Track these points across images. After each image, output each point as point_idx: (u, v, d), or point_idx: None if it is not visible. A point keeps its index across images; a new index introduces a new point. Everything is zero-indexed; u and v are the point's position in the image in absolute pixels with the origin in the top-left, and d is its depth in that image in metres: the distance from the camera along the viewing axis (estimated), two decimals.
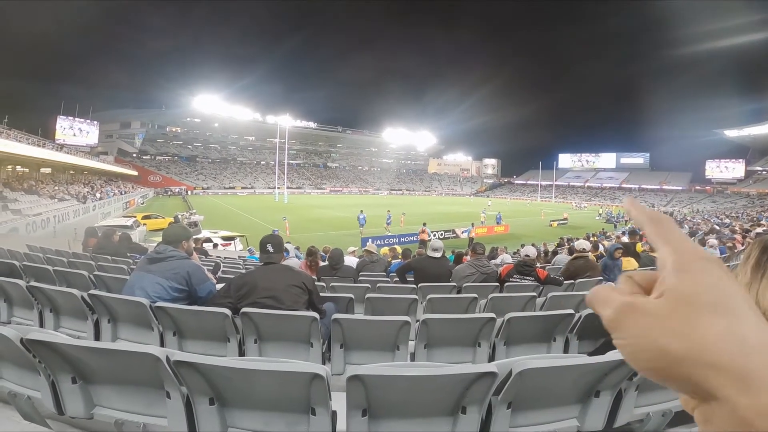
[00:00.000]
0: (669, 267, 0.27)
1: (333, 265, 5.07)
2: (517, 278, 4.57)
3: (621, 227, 26.15)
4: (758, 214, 26.21)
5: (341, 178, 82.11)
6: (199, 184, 60.27)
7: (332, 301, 3.22)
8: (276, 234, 2.88)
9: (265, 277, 2.59)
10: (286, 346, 2.50)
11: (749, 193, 59.32)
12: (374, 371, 1.28)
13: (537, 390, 1.49)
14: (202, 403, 1.41)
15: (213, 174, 67.06)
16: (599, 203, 60.94)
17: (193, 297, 2.69)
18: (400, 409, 1.42)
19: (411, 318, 2.86)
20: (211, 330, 2.48)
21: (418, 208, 39.47)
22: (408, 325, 2.38)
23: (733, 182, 66.43)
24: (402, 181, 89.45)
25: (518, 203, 58.40)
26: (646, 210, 0.32)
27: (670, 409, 1.71)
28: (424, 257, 4.92)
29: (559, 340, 2.71)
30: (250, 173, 72.56)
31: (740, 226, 16.15)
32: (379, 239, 18.88)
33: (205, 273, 2.80)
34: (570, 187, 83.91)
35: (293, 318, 2.41)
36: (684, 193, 68.91)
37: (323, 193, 68.34)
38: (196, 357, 1.36)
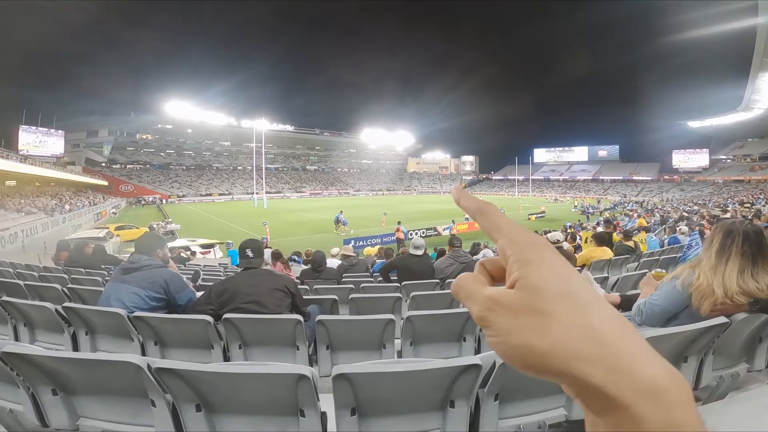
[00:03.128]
0: (510, 257, 0.27)
1: (315, 267, 5.04)
2: None
3: (595, 218, 26.92)
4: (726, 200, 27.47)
5: (321, 181, 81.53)
6: (174, 192, 58.63)
7: (316, 303, 3.21)
8: (255, 239, 2.83)
9: (247, 282, 2.56)
10: (272, 350, 2.48)
11: (714, 180, 62.03)
12: (360, 369, 1.28)
13: (522, 380, 1.51)
14: (189, 410, 1.39)
15: (188, 181, 65.39)
16: (573, 196, 62.60)
17: (172, 305, 2.65)
18: (389, 406, 1.43)
19: (396, 316, 2.87)
20: (193, 338, 2.44)
21: (398, 207, 39.62)
22: (393, 324, 2.39)
23: (699, 171, 69.36)
24: (382, 181, 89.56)
25: (496, 198, 59.34)
26: (474, 200, 0.32)
27: None
28: (407, 255, 4.94)
29: None
30: (227, 179, 71.12)
31: (707, 213, 16.89)
32: (362, 240, 18.88)
33: (183, 281, 2.76)
34: (546, 180, 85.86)
35: (277, 322, 2.39)
36: (653, 182, 71.53)
37: (303, 196, 67.70)
38: (178, 363, 1.34)
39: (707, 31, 55.73)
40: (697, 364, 1.83)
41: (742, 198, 27.68)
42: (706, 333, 1.69)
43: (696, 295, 1.69)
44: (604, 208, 36.73)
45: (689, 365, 1.81)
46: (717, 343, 1.82)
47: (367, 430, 1.40)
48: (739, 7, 34.59)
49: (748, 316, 1.73)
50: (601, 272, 5.23)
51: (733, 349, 1.98)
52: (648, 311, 1.87)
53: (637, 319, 1.95)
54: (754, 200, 23.50)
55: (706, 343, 1.77)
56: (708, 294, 1.65)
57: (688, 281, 1.74)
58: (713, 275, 1.66)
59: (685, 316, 1.79)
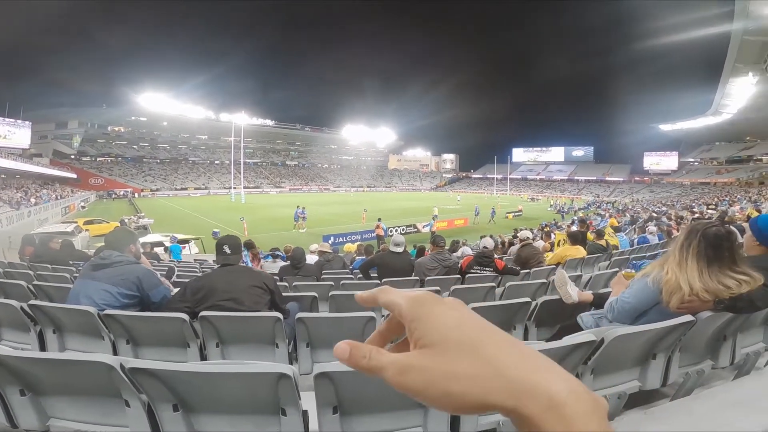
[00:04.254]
0: (405, 321, 0.30)
1: (295, 264, 4.99)
2: (477, 269, 4.72)
3: (570, 217, 27.66)
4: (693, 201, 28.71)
5: (301, 177, 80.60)
6: (147, 185, 56.75)
7: (295, 301, 3.18)
8: (233, 235, 2.78)
9: (224, 279, 2.51)
10: (251, 348, 2.44)
11: (683, 183, 64.66)
12: (341, 368, 1.27)
13: None
14: (166, 410, 1.36)
15: (162, 175, 63.41)
16: (549, 195, 64.14)
17: (145, 303, 2.57)
18: (371, 404, 1.43)
19: (377, 313, 2.87)
20: (168, 336, 2.37)
21: (379, 204, 39.65)
22: (374, 321, 2.39)
23: (668, 173, 72.12)
24: (362, 178, 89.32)
25: (475, 196, 60.17)
26: (367, 292, 0.35)
27: (625, 392, 1.79)
28: (387, 253, 4.97)
29: (519, 327, 2.79)
30: (203, 173, 69.38)
31: (675, 214, 17.60)
32: (341, 236, 18.83)
33: (157, 277, 2.68)
34: (524, 180, 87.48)
35: (255, 319, 2.36)
36: (625, 183, 73.90)
37: (282, 191, 66.80)
38: (153, 363, 1.30)
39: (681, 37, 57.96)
40: (665, 361, 1.88)
41: (708, 200, 28.98)
42: (673, 331, 1.75)
43: (666, 290, 1.75)
44: (578, 208, 37.78)
45: (658, 362, 1.86)
46: (683, 341, 1.88)
47: (349, 428, 1.40)
48: (713, 14, 36.14)
49: (713, 315, 1.80)
50: (574, 270, 5.39)
51: (699, 346, 2.05)
52: (619, 308, 1.93)
53: (609, 316, 2.00)
54: (719, 202, 24.64)
55: (673, 341, 1.83)
56: (676, 289, 1.71)
57: (658, 278, 1.80)
58: (680, 272, 1.74)
59: (654, 314, 1.84)
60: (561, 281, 2.50)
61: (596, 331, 1.70)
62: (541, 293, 3.73)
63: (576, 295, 2.42)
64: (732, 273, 1.71)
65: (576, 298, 2.41)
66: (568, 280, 2.50)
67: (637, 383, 1.87)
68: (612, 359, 1.75)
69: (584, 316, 2.21)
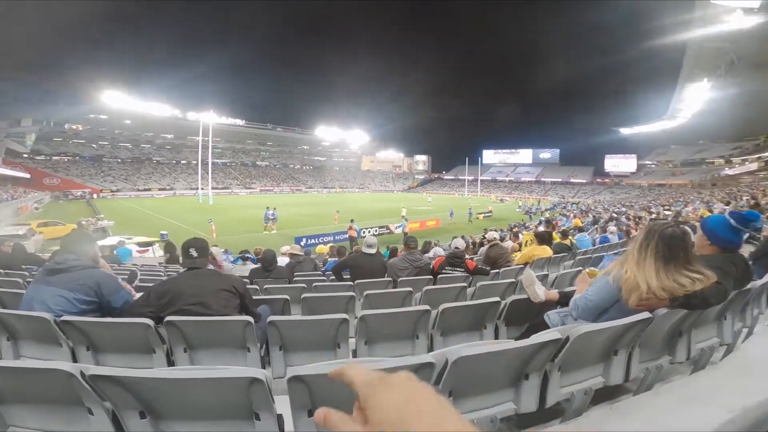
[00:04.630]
0: (360, 398, 0.36)
1: (266, 266, 4.90)
2: (448, 270, 4.79)
3: (537, 218, 28.55)
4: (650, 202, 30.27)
5: (272, 177, 79.13)
6: (107, 186, 53.96)
7: (266, 304, 3.13)
8: (200, 237, 2.70)
9: (190, 283, 2.43)
10: (221, 353, 2.38)
11: (641, 184, 68.12)
12: (315, 371, 1.26)
13: (473, 376, 1.55)
14: (132, 417, 1.31)
15: (124, 175, 60.53)
16: (517, 196, 66.02)
17: (106, 309, 2.46)
18: (347, 406, 1.42)
19: (350, 315, 2.87)
20: (131, 342, 2.28)
21: (352, 205, 39.53)
22: (346, 323, 2.38)
23: (628, 175, 75.80)
24: (335, 179, 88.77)
25: (448, 197, 61.05)
26: (334, 371, 0.41)
27: (591, 388, 1.83)
28: (359, 254, 4.96)
29: (490, 327, 2.83)
30: (168, 173, 66.79)
31: (634, 214, 18.50)
32: (313, 237, 18.65)
33: (117, 282, 2.58)
34: (494, 181, 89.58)
35: (225, 323, 2.30)
36: (588, 185, 77.06)
37: (252, 192, 65.37)
38: (115, 370, 1.25)
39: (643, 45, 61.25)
40: (626, 357, 1.95)
41: (664, 201, 30.66)
42: (633, 327, 1.82)
43: (625, 289, 1.83)
44: (544, 209, 39.06)
45: (620, 358, 1.92)
46: (643, 337, 1.94)
47: (326, 430, 1.39)
48: (674, 22, 38.51)
49: (668, 312, 1.87)
50: (541, 270, 5.57)
51: (657, 342, 2.13)
52: (583, 306, 2.00)
53: (574, 313, 2.07)
54: (674, 203, 26.12)
55: (633, 337, 1.89)
56: (635, 287, 1.79)
57: (618, 276, 1.88)
58: (638, 270, 1.83)
59: (615, 311, 1.91)
60: (528, 281, 2.57)
61: (562, 329, 1.75)
62: (510, 293, 3.82)
63: (543, 294, 2.49)
64: (686, 272, 1.81)
65: (543, 296, 2.49)
66: (535, 279, 2.57)
67: (602, 379, 1.92)
68: (577, 356, 1.80)
69: (551, 315, 2.26)
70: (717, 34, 31.66)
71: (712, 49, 35.09)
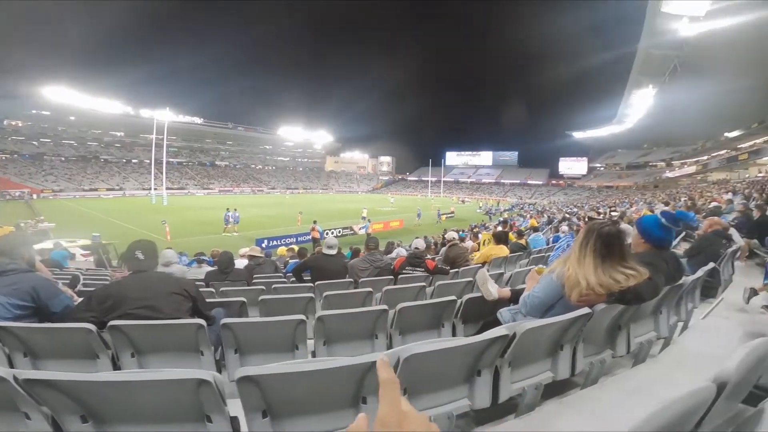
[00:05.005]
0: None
1: (222, 269, 4.76)
2: (409, 270, 4.86)
3: (497, 218, 29.50)
4: (599, 203, 32.14)
5: (232, 178, 76.56)
6: (49, 186, 50.05)
7: (222, 307, 3.04)
8: (147, 239, 2.59)
9: (136, 287, 2.32)
10: (173, 357, 2.29)
11: (591, 186, 72.08)
12: (266, 371, 1.25)
13: (427, 374, 1.57)
14: (73, 422, 1.26)
15: (67, 174, 56.38)
16: (478, 197, 67.93)
17: (45, 314, 2.35)
18: (303, 406, 1.41)
19: (310, 317, 2.84)
20: (73, 348, 2.15)
21: (315, 206, 39.07)
22: (304, 324, 2.36)
23: (579, 177, 79.99)
24: (299, 180, 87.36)
25: (410, 198, 61.73)
26: (385, 373, 0.45)
27: (540, 382, 1.89)
28: (320, 255, 4.92)
29: (447, 325, 2.88)
30: (118, 173, 62.85)
31: (584, 214, 19.54)
32: (275, 239, 18.27)
33: (56, 287, 2.47)
34: (456, 182, 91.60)
35: (175, 327, 2.22)
36: (543, 186, 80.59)
37: (211, 193, 63.00)
38: (50, 374, 1.20)
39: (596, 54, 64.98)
40: (571, 351, 2.04)
41: (611, 202, 32.63)
42: (575, 323, 1.91)
43: (567, 285, 1.93)
44: (503, 209, 40.43)
45: (565, 353, 2.01)
46: (585, 332, 2.04)
47: (281, 431, 1.37)
48: (624, 31, 41.29)
49: (607, 307, 1.98)
50: (499, 269, 5.77)
51: (599, 337, 2.24)
52: (530, 303, 2.08)
53: (523, 310, 2.14)
54: (620, 203, 27.86)
55: (576, 332, 1.99)
56: (575, 284, 1.90)
57: (561, 273, 1.99)
58: (578, 268, 1.94)
59: (560, 307, 2.00)
60: (482, 279, 2.66)
61: (510, 326, 1.80)
62: (467, 291, 3.92)
63: (495, 292, 2.59)
64: (621, 268, 1.94)
65: (496, 294, 2.58)
66: (489, 277, 2.67)
67: (551, 374, 1.99)
68: (526, 352, 1.86)
69: (503, 312, 2.32)
70: (663, 42, 34.13)
71: (658, 57, 37.68)
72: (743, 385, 1.29)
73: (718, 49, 30.97)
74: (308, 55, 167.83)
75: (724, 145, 43.71)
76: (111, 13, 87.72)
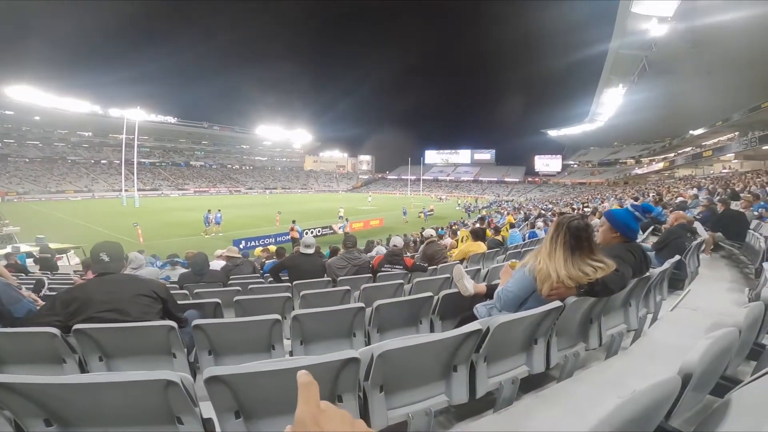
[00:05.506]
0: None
1: (197, 271, 4.64)
2: (387, 268, 4.86)
3: (475, 215, 29.90)
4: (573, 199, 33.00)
5: (207, 178, 74.81)
6: (13, 188, 47.78)
7: (195, 308, 2.96)
8: (112, 241, 2.51)
9: (102, 290, 2.24)
10: (143, 361, 2.23)
11: (566, 183, 73.98)
12: (232, 371, 1.23)
13: (403, 371, 1.57)
14: (36, 425, 1.22)
15: (32, 176, 53.91)
16: (457, 195, 68.73)
17: (8, 319, 2.31)
18: (276, 406, 1.39)
19: (287, 316, 2.79)
20: (38, 352, 2.07)
21: (294, 206, 38.63)
22: (279, 323, 2.33)
23: (554, 174, 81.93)
24: (277, 179, 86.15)
25: (389, 197, 61.87)
26: (304, 378, 0.46)
27: (517, 377, 1.90)
28: (297, 255, 4.87)
29: (425, 322, 2.88)
30: (86, 174, 60.44)
31: (558, 211, 20.02)
32: (254, 240, 17.97)
33: (16, 291, 2.42)
34: (435, 180, 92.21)
35: (144, 330, 2.15)
36: (520, 184, 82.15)
37: (185, 194, 61.42)
38: (8, 377, 1.17)
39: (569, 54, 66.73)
40: (545, 345, 2.07)
41: (584, 198, 33.59)
42: (547, 316, 1.94)
43: (539, 279, 1.96)
44: (481, 207, 41.01)
45: (539, 347, 2.03)
46: (558, 326, 2.07)
47: (256, 430, 1.35)
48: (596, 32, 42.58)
49: (577, 300, 2.02)
50: (477, 264, 5.84)
51: (572, 330, 2.27)
52: (504, 297, 2.11)
53: (498, 305, 2.16)
54: (592, 199, 28.71)
55: (549, 326, 2.02)
56: (546, 277, 1.93)
57: (533, 267, 2.02)
58: (549, 261, 1.98)
59: (533, 301, 2.04)
60: (458, 275, 2.68)
61: (483, 321, 1.81)
62: (445, 288, 3.95)
63: (471, 288, 2.61)
64: (590, 260, 1.99)
65: (471, 290, 2.60)
66: (464, 273, 2.69)
67: (526, 368, 2.00)
68: (501, 346, 1.88)
69: (479, 307, 2.33)
70: (633, 42, 35.35)
71: (627, 57, 38.98)
72: (709, 376, 1.33)
73: (684, 49, 32.29)
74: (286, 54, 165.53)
75: (690, 142, 45.54)
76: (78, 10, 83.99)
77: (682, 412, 1.24)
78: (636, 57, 38.25)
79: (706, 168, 42.96)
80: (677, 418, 1.23)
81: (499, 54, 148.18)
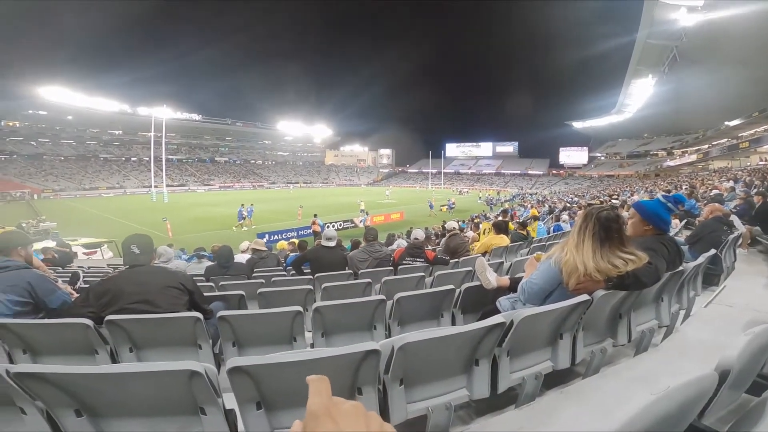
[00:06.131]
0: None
1: (222, 263, 4.75)
2: (408, 260, 4.84)
3: (497, 209, 29.44)
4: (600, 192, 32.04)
5: (232, 173, 76.45)
6: (49, 186, 50.08)
7: (221, 300, 3.03)
8: (143, 234, 2.59)
9: (132, 281, 2.32)
10: (170, 351, 2.29)
11: (592, 175, 71.80)
12: (255, 362, 1.24)
13: (423, 364, 1.55)
14: (68, 416, 1.25)
15: (68, 174, 56.38)
16: (479, 188, 67.81)
17: (45, 310, 2.40)
18: (297, 397, 1.39)
19: (309, 308, 2.82)
20: (71, 343, 2.16)
21: (316, 200, 39.04)
22: (301, 315, 2.35)
23: (580, 167, 79.66)
24: (299, 174, 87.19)
25: (409, 190, 61.63)
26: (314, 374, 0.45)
27: (540, 372, 1.85)
28: (319, 248, 4.90)
29: (447, 315, 2.85)
30: (118, 171, 62.83)
31: (585, 203, 19.47)
32: (277, 233, 18.26)
33: (52, 283, 2.50)
34: (456, 174, 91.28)
35: (172, 321, 2.21)
36: (544, 177, 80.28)
37: (212, 189, 62.95)
38: (42, 367, 1.20)
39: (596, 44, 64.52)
40: (571, 340, 2.00)
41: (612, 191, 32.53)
42: (574, 310, 1.87)
43: (565, 271, 1.90)
44: (504, 200, 40.32)
45: (565, 342, 1.97)
46: (585, 320, 2.00)
47: (278, 423, 1.36)
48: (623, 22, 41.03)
49: (606, 294, 1.93)
50: (500, 258, 5.74)
51: (599, 325, 2.19)
52: (529, 290, 2.05)
53: (522, 298, 2.11)
54: (621, 192, 27.77)
55: (576, 320, 1.95)
56: (573, 270, 1.86)
57: (559, 259, 1.96)
58: (576, 253, 1.91)
59: (558, 294, 1.97)
60: (480, 268, 2.64)
61: (507, 314, 1.76)
62: (467, 281, 3.89)
63: (494, 280, 2.56)
64: (620, 253, 1.90)
65: (494, 283, 2.55)
66: (487, 266, 2.64)
67: (550, 363, 1.95)
68: (524, 340, 1.83)
69: (502, 300, 2.29)
70: (661, 32, 33.92)
71: (656, 47, 37.51)
72: (746, 374, 1.26)
73: (718, 39, 30.75)
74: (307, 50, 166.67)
75: (725, 133, 43.37)
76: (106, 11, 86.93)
77: (717, 410, 1.18)
78: (665, 47, 36.74)
79: (742, 160, 40.79)
80: (711, 416, 1.17)
81: (522, 46, 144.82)
